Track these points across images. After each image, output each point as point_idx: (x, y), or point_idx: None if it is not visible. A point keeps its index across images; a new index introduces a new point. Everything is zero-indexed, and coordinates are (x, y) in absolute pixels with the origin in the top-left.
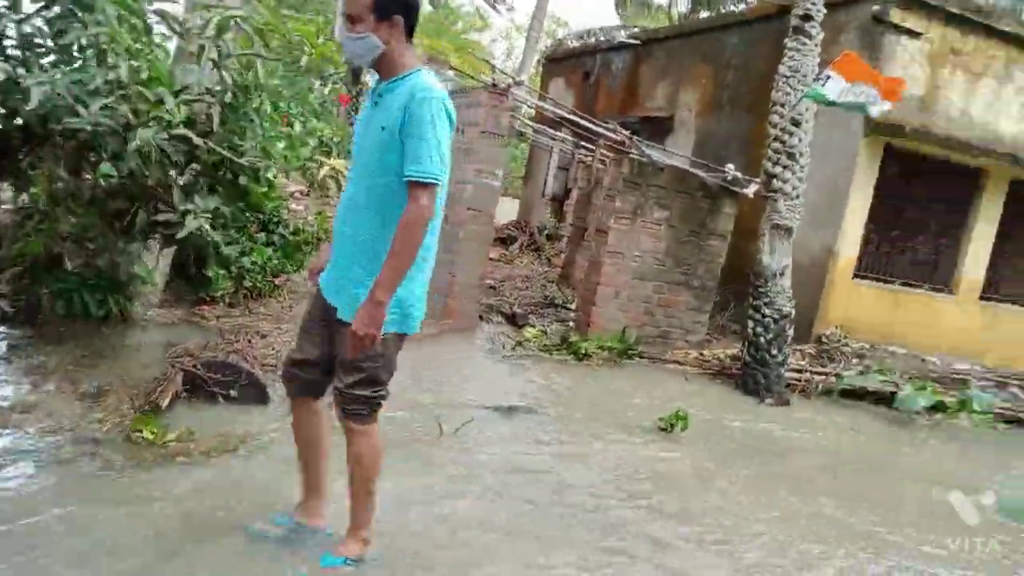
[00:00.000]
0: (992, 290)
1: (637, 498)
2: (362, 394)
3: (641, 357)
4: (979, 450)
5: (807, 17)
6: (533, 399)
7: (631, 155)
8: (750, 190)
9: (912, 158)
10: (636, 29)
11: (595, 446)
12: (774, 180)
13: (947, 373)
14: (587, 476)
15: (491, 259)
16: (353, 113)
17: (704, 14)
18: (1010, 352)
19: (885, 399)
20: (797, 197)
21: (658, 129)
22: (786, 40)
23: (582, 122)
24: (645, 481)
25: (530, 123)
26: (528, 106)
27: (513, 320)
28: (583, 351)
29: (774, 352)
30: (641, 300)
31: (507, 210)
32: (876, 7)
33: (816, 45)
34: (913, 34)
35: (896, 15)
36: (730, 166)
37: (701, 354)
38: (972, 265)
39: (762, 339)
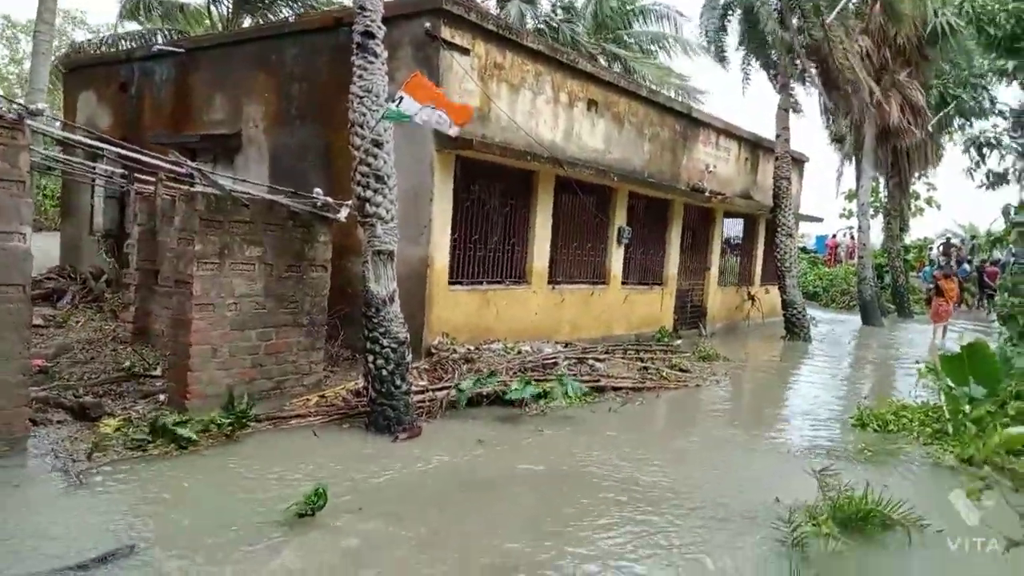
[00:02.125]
0: (555, 274)
1: None
2: None
3: (259, 421)
4: (575, 429)
5: (369, 34)
6: (129, 532)
7: (203, 189)
8: (342, 214)
9: (480, 166)
10: (177, 33)
11: None
12: (367, 205)
13: (540, 359)
14: None
15: (35, 326)
16: None
17: (248, 22)
18: (576, 323)
19: (500, 398)
20: (392, 219)
21: (224, 147)
22: (353, 58)
23: (131, 154)
24: None
25: (55, 156)
26: (50, 136)
27: (83, 413)
28: (186, 436)
29: (398, 383)
30: (246, 352)
31: (46, 251)
32: (427, 23)
33: (383, 63)
34: (463, 50)
35: (446, 32)
36: (318, 191)
37: (323, 396)
38: (538, 255)
39: (384, 371)
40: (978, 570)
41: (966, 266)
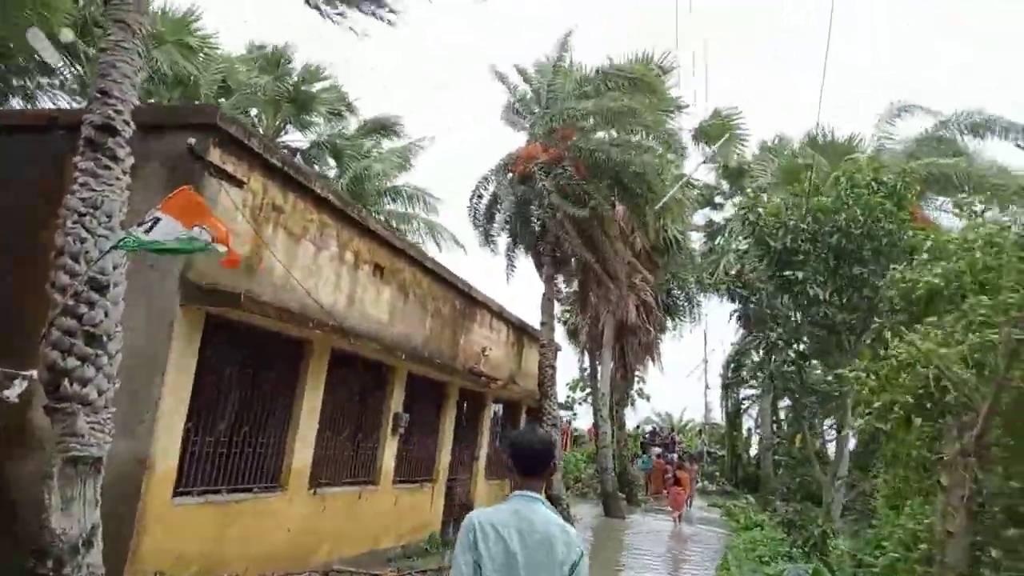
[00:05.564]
0: (318, 474)
1: None
2: None
3: None
4: None
5: (109, 129)
6: None
7: None
8: (14, 391)
9: (236, 330)
10: None
11: None
12: (66, 381)
13: None
14: None
15: None
16: None
17: None
18: (339, 538)
19: None
20: (107, 405)
21: None
22: (76, 160)
23: None
24: None
25: None
26: None
27: None
28: None
29: None
30: None
31: None
32: (192, 139)
33: (125, 172)
34: (236, 181)
35: (215, 154)
36: None
37: None
38: (301, 449)
39: None
40: None
41: (672, 455)
